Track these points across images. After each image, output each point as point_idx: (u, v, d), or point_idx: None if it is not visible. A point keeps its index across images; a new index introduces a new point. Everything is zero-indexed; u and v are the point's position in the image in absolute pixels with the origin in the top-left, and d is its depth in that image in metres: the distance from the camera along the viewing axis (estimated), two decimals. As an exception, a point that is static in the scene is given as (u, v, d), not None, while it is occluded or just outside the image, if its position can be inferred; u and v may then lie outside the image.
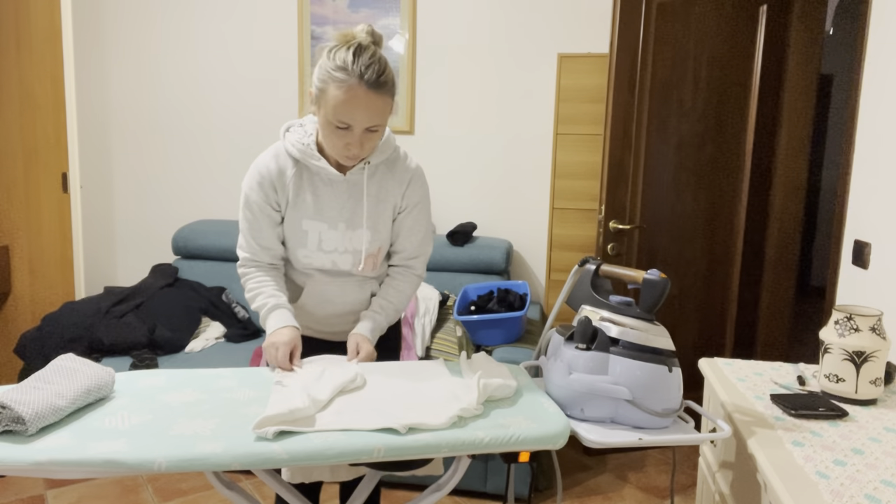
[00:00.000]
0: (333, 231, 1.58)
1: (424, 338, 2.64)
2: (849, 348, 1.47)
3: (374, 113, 1.41)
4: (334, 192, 1.56)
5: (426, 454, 1.19)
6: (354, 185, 1.57)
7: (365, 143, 1.45)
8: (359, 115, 1.40)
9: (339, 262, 1.61)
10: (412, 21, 3.29)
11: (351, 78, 1.37)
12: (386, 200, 1.60)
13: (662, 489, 2.68)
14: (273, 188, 1.55)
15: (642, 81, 2.76)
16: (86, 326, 2.73)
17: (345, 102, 1.38)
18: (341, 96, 1.38)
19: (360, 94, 1.38)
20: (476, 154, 3.36)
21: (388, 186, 1.60)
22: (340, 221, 1.57)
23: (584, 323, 1.35)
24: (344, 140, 1.44)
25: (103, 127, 3.58)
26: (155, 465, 1.10)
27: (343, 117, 1.40)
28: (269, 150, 1.59)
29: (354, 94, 1.38)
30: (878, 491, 1.09)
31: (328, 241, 1.58)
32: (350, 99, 1.38)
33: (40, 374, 1.28)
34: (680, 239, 2.98)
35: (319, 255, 1.60)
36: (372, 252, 1.62)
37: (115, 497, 2.54)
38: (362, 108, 1.39)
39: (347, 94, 1.38)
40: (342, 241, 1.59)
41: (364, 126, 1.41)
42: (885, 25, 2.04)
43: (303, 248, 1.60)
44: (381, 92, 1.40)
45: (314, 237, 1.58)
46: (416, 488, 2.61)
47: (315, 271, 1.63)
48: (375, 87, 1.38)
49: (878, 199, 2.02)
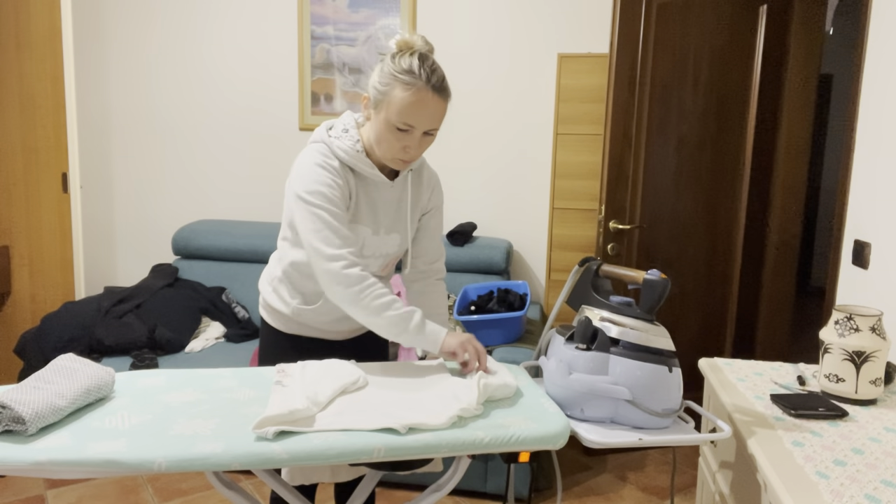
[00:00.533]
0: (375, 237, 1.59)
1: (424, 338, 2.64)
2: (849, 348, 1.47)
3: (436, 116, 1.47)
4: (382, 198, 1.58)
5: (426, 454, 1.20)
6: (401, 192, 1.61)
7: (423, 145, 1.49)
8: (423, 117, 1.44)
9: (371, 265, 1.63)
10: (412, 21, 3.29)
11: (419, 81, 1.42)
12: (416, 205, 1.65)
13: (662, 489, 2.68)
14: (347, 187, 1.52)
15: (642, 81, 2.76)
16: (86, 326, 2.73)
17: (411, 104, 1.42)
18: (409, 98, 1.42)
19: (427, 97, 1.43)
20: (476, 154, 3.36)
21: (419, 192, 1.65)
22: (381, 227, 1.59)
23: (584, 323, 1.35)
24: (403, 142, 1.46)
25: (103, 127, 3.58)
26: (155, 465, 1.10)
27: (408, 119, 1.43)
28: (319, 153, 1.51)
29: (422, 96, 1.42)
30: (878, 491, 1.09)
31: (370, 246, 1.59)
32: (417, 101, 1.42)
33: (40, 374, 1.28)
34: (680, 239, 2.98)
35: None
36: (400, 255, 1.68)
37: (115, 497, 2.54)
38: (428, 110, 1.44)
39: (415, 97, 1.42)
40: (380, 246, 1.61)
41: (425, 128, 1.46)
42: (885, 25, 2.04)
43: None
44: (443, 97, 1.47)
45: (359, 242, 1.57)
46: (416, 488, 2.61)
47: None
48: (440, 91, 1.45)
49: (878, 199, 2.02)
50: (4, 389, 1.27)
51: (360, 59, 3.36)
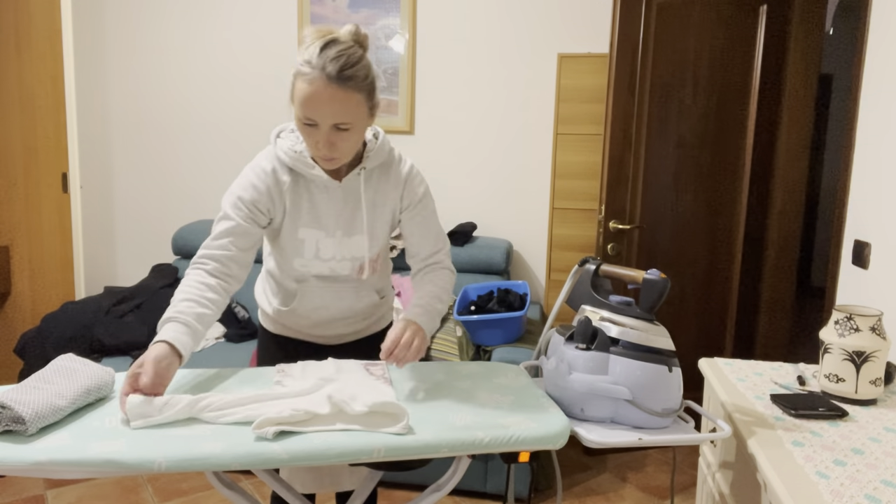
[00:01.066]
0: (331, 239, 1.54)
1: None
2: (849, 348, 1.47)
3: (337, 108, 1.34)
4: (330, 199, 1.51)
5: (426, 454, 1.19)
6: (350, 192, 1.52)
7: (337, 142, 1.38)
8: (321, 110, 1.34)
9: (338, 269, 1.57)
10: (412, 21, 3.29)
11: (314, 71, 1.32)
12: (384, 205, 1.56)
13: (662, 489, 2.68)
14: (269, 194, 1.48)
15: (642, 81, 2.76)
16: (86, 326, 2.73)
17: (307, 96, 1.33)
18: (305, 89, 1.33)
19: (321, 88, 1.32)
20: (476, 154, 3.36)
21: (385, 191, 1.56)
22: (337, 229, 1.53)
23: (584, 323, 1.35)
24: (313, 138, 1.38)
25: (103, 127, 3.58)
26: (155, 465, 1.10)
27: (307, 112, 1.34)
28: (263, 156, 1.52)
29: (316, 87, 1.32)
30: (878, 491, 1.09)
31: (325, 249, 1.54)
32: (312, 93, 1.32)
33: (40, 374, 1.28)
34: (680, 239, 2.98)
35: (317, 264, 1.56)
36: (371, 257, 1.59)
37: (115, 497, 2.54)
38: (325, 103, 1.33)
39: (310, 88, 1.32)
40: (339, 249, 1.55)
41: (329, 122, 1.35)
42: (885, 25, 2.04)
43: (299, 258, 1.55)
44: (345, 86, 1.33)
45: (311, 246, 1.53)
46: (416, 488, 2.61)
47: (309, 277, 1.59)
48: (338, 80, 1.32)
49: (878, 199, 2.02)
50: (4, 389, 1.27)
51: (360, 59, 3.36)
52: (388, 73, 3.34)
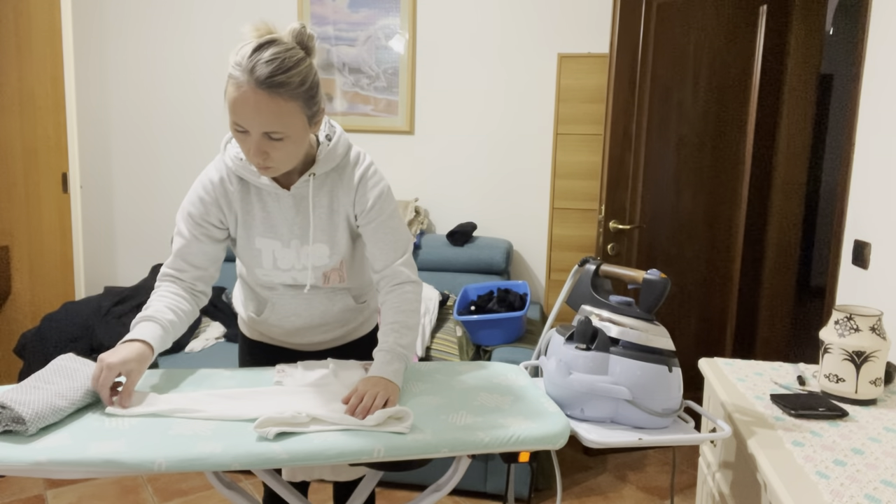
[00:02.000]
0: (287, 249, 1.46)
1: (424, 338, 2.64)
2: (849, 348, 1.47)
3: (265, 117, 1.24)
4: (281, 207, 1.44)
5: (426, 454, 1.19)
6: (302, 199, 1.44)
7: (269, 151, 1.29)
8: (249, 117, 1.24)
9: (300, 279, 1.50)
10: (412, 21, 3.29)
11: (242, 74, 1.22)
12: (338, 211, 1.47)
13: (662, 489, 2.68)
14: (217, 205, 1.43)
15: (642, 81, 2.76)
16: (86, 326, 2.73)
17: (234, 101, 1.24)
18: (232, 93, 1.24)
19: (248, 93, 1.22)
20: (476, 154, 3.36)
21: (339, 196, 1.46)
22: (293, 238, 1.46)
23: (584, 323, 1.35)
24: (245, 145, 1.29)
25: (103, 127, 3.58)
26: (155, 465, 1.10)
27: (236, 118, 1.26)
28: (212, 165, 1.46)
29: (243, 92, 1.22)
30: (878, 491, 1.09)
31: (283, 259, 1.47)
32: (239, 97, 1.23)
33: (40, 375, 1.28)
34: (680, 239, 2.98)
35: (278, 273, 1.49)
36: (335, 266, 1.51)
37: (115, 497, 2.54)
38: (251, 110, 1.23)
39: (237, 93, 1.23)
40: (298, 259, 1.47)
41: (258, 130, 1.25)
42: (885, 25, 2.04)
43: (259, 268, 1.49)
44: (274, 93, 1.23)
45: (268, 256, 1.47)
46: (416, 488, 2.61)
47: (277, 285, 1.53)
48: (267, 86, 1.22)
49: (878, 199, 2.02)
50: (4, 389, 1.27)
51: (360, 59, 3.36)
52: (388, 73, 3.34)
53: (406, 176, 3.43)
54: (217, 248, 1.48)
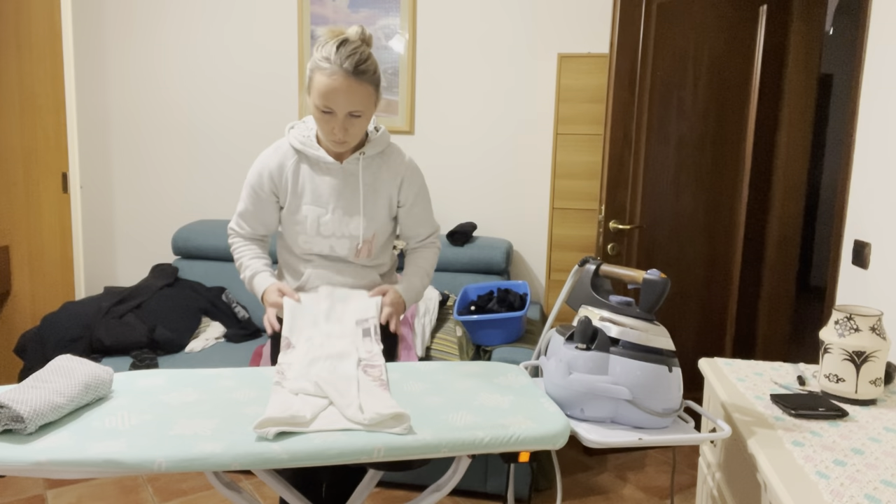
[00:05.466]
0: (330, 216, 1.71)
1: (424, 338, 2.64)
2: (849, 348, 1.47)
3: (354, 98, 1.56)
4: (331, 179, 1.71)
5: (426, 454, 1.19)
6: (350, 174, 1.72)
7: (349, 128, 1.60)
8: (340, 100, 1.55)
9: (337, 247, 1.74)
10: (412, 21, 3.29)
11: (332, 66, 1.54)
12: (381, 191, 1.74)
13: (662, 489, 2.68)
14: (271, 179, 1.73)
15: (642, 81, 2.76)
16: (86, 326, 2.73)
17: (327, 87, 1.55)
18: (325, 82, 1.55)
19: (340, 80, 1.54)
20: (476, 154, 3.36)
21: (383, 178, 1.74)
22: (337, 208, 1.71)
23: (584, 323, 1.35)
24: (329, 125, 1.60)
25: (103, 127, 3.58)
26: (155, 465, 1.10)
27: (327, 102, 1.56)
28: (272, 145, 1.77)
29: (336, 79, 1.54)
30: (878, 491, 1.09)
31: (325, 225, 1.72)
32: (331, 84, 1.54)
33: (38, 375, 1.28)
34: (680, 239, 2.98)
35: (318, 240, 1.73)
36: (367, 238, 1.74)
37: (115, 497, 2.54)
38: (343, 93, 1.55)
39: (329, 80, 1.55)
40: (339, 226, 1.72)
41: (346, 110, 1.57)
42: (885, 25, 2.04)
43: (303, 234, 1.73)
44: (360, 79, 1.56)
45: (313, 222, 1.71)
46: (416, 488, 2.61)
47: (315, 257, 1.76)
48: (355, 74, 1.55)
49: (878, 199, 2.02)
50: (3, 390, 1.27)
51: (360, 59, 3.36)
52: (388, 73, 3.34)
53: (406, 176, 3.42)
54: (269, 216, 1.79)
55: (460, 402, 1.36)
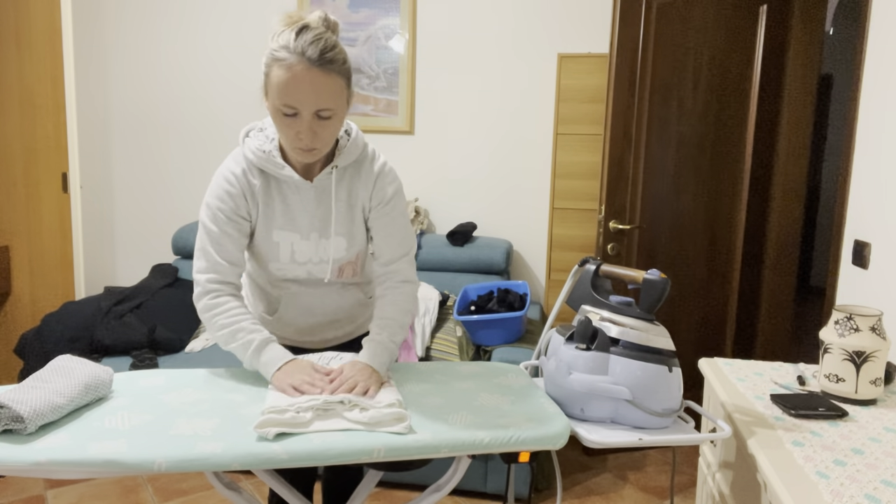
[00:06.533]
0: (306, 241, 1.48)
1: (424, 338, 2.64)
2: (849, 348, 1.47)
3: (320, 93, 1.28)
4: (303, 199, 1.45)
5: (426, 454, 1.19)
6: (323, 192, 1.46)
7: (318, 131, 1.32)
8: (303, 96, 1.28)
9: (315, 272, 1.52)
10: (412, 21, 3.29)
11: (292, 56, 1.26)
12: (356, 205, 1.50)
13: (662, 489, 2.68)
14: (243, 196, 1.44)
15: (642, 81, 2.76)
16: (86, 326, 2.73)
17: (287, 82, 1.27)
18: (283, 76, 1.27)
19: (302, 72, 1.26)
20: (476, 154, 3.35)
21: (357, 189, 1.49)
22: (313, 231, 1.47)
23: (584, 323, 1.35)
24: (294, 129, 1.31)
25: (103, 127, 3.57)
26: (155, 465, 1.10)
27: (288, 100, 1.28)
28: (232, 158, 1.46)
29: (296, 72, 1.26)
30: (878, 491, 1.09)
31: (301, 252, 1.49)
32: (292, 78, 1.27)
33: (38, 375, 1.28)
34: (680, 239, 2.98)
35: (293, 267, 1.51)
36: (350, 260, 1.54)
37: (115, 497, 2.54)
38: (306, 87, 1.27)
39: (289, 73, 1.27)
40: (316, 252, 1.49)
41: (312, 109, 1.29)
42: (885, 25, 2.04)
43: (275, 262, 1.50)
44: (326, 70, 1.28)
45: (286, 249, 1.48)
46: (416, 488, 2.61)
47: (289, 283, 1.55)
48: (319, 63, 1.27)
49: (878, 199, 2.02)
50: (3, 390, 1.27)
51: (360, 59, 3.36)
52: (388, 73, 3.34)
53: (406, 176, 3.43)
54: (245, 242, 1.48)
55: (460, 402, 1.36)
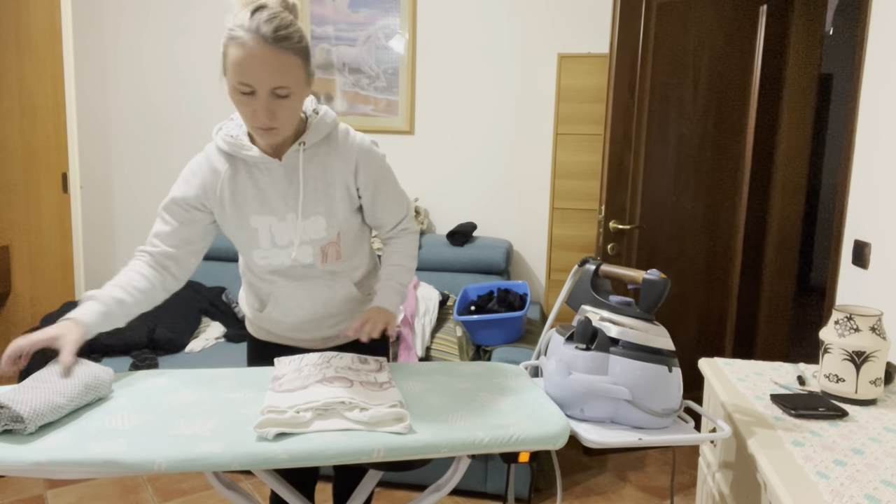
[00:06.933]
0: (283, 223, 1.48)
1: (424, 338, 2.64)
2: (849, 348, 1.47)
3: (275, 71, 1.30)
4: (273, 180, 1.47)
5: (426, 454, 1.19)
6: (293, 170, 1.46)
7: (276, 110, 1.34)
8: (258, 73, 1.29)
9: (300, 257, 1.52)
10: (412, 21, 3.29)
11: (247, 33, 1.28)
12: (334, 182, 1.49)
13: (662, 489, 2.68)
14: (203, 189, 1.47)
15: (642, 81, 2.76)
16: (86, 326, 2.73)
17: (241, 60, 1.29)
18: (238, 54, 1.29)
19: (256, 49, 1.28)
20: (476, 154, 3.36)
21: (334, 166, 1.48)
22: (288, 211, 1.48)
23: (584, 323, 1.35)
24: (251, 107, 1.33)
25: (103, 127, 3.58)
26: (155, 465, 1.10)
27: (242, 77, 1.30)
28: (203, 152, 1.51)
29: (250, 49, 1.28)
30: (878, 491, 1.09)
31: (280, 234, 1.49)
32: (246, 55, 1.28)
33: (38, 375, 1.28)
34: (680, 239, 2.98)
35: (276, 252, 1.51)
36: (332, 239, 1.53)
37: (115, 497, 2.54)
38: (260, 65, 1.29)
39: (243, 51, 1.29)
40: (295, 233, 1.49)
41: (267, 87, 1.31)
42: (885, 25, 2.04)
43: (257, 249, 1.51)
44: (280, 47, 1.29)
45: (265, 233, 1.49)
46: (416, 488, 2.61)
47: (278, 278, 1.55)
48: (273, 41, 1.29)
49: (878, 199, 2.02)
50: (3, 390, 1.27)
51: (360, 59, 3.36)
52: (388, 73, 3.34)
53: (406, 176, 3.43)
54: (192, 232, 1.50)
55: (460, 402, 1.36)
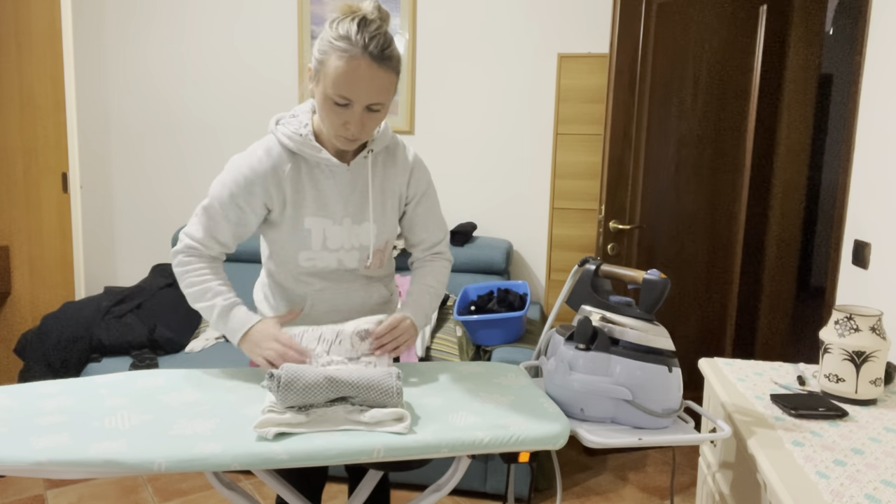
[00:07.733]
0: (338, 227, 1.48)
1: (424, 338, 2.64)
2: (849, 348, 1.47)
3: (376, 88, 1.31)
4: (337, 184, 1.46)
5: (426, 454, 1.19)
6: (358, 176, 1.48)
7: (366, 122, 1.35)
8: (360, 89, 1.30)
9: (346, 261, 1.52)
10: (412, 21, 3.29)
11: (354, 48, 1.28)
12: (389, 191, 1.52)
13: (662, 489, 2.68)
14: (265, 187, 1.43)
15: (642, 81, 2.76)
16: (86, 326, 2.73)
17: (346, 74, 1.29)
18: (343, 67, 1.28)
19: (363, 66, 1.29)
20: (476, 154, 3.36)
21: (390, 176, 1.52)
22: (346, 216, 1.48)
23: (584, 323, 1.35)
24: (342, 118, 1.34)
25: (103, 127, 3.58)
26: (155, 465, 1.10)
27: (343, 91, 1.30)
28: (257, 146, 1.46)
29: (357, 65, 1.28)
30: (878, 491, 1.09)
31: (333, 238, 1.48)
32: (352, 70, 1.28)
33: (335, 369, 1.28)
34: (680, 239, 2.98)
35: (324, 255, 1.50)
36: (379, 247, 1.55)
37: (115, 497, 2.54)
38: (364, 82, 1.30)
39: (349, 65, 1.28)
40: (348, 238, 1.50)
41: (365, 102, 1.32)
42: (885, 25, 2.04)
43: (306, 250, 1.49)
44: (385, 66, 1.31)
45: (318, 235, 1.47)
46: (416, 488, 2.61)
47: (317, 280, 1.54)
48: (380, 59, 1.30)
49: (878, 199, 2.02)
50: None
51: (360, 59, 3.36)
52: (388, 73, 3.34)
53: (406, 176, 3.42)
54: (245, 231, 1.50)
55: (460, 402, 1.36)
